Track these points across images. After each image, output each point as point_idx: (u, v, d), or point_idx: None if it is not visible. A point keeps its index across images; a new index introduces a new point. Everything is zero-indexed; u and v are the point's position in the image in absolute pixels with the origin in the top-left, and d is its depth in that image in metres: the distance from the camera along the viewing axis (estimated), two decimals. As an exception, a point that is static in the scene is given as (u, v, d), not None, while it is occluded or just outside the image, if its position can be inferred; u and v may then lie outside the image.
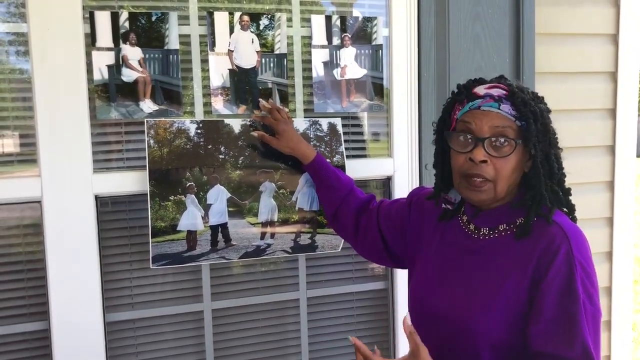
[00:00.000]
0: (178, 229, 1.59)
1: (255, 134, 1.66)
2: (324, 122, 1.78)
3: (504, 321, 1.10)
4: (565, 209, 1.18)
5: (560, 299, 1.05)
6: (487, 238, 1.19)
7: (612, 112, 2.28)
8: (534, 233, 1.13)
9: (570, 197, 1.19)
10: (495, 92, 1.15)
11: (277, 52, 1.78)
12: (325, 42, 1.82)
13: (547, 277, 1.06)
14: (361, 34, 1.86)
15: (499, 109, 1.12)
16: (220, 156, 1.65)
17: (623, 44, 2.23)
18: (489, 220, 1.19)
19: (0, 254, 1.64)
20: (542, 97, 1.20)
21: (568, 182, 1.20)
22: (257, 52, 1.76)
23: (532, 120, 1.11)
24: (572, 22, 2.19)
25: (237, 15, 1.73)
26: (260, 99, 1.74)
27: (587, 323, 1.04)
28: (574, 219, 1.18)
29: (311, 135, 1.76)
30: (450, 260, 1.23)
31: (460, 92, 1.21)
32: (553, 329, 1.05)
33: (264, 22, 1.76)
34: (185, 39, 1.71)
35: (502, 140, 1.12)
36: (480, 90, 1.16)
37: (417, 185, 1.92)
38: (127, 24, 1.64)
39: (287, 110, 1.74)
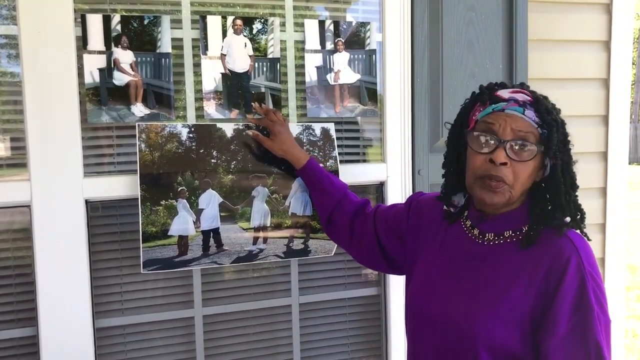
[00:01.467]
0: (169, 234, 1.58)
1: (250, 132, 1.65)
2: (317, 127, 1.78)
3: (506, 329, 1.09)
4: (578, 220, 1.16)
5: (574, 312, 1.05)
6: (492, 244, 1.18)
7: (605, 119, 2.29)
8: (541, 242, 1.12)
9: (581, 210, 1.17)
10: (520, 96, 1.14)
11: (270, 56, 1.77)
12: (319, 47, 1.82)
13: (560, 291, 1.06)
14: (354, 39, 1.85)
15: (523, 113, 1.12)
16: (213, 160, 1.64)
17: (615, 51, 2.25)
18: (494, 225, 1.19)
19: (-11, 259, 1.63)
20: (559, 110, 1.18)
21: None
22: (250, 56, 1.75)
23: (555, 129, 1.11)
24: (565, 29, 2.20)
25: (230, 19, 1.72)
26: (254, 103, 1.73)
27: (601, 334, 1.04)
28: (582, 230, 1.17)
29: (304, 140, 1.75)
30: (452, 265, 1.22)
31: (483, 93, 1.20)
32: (568, 343, 1.04)
33: (257, 26, 1.75)
34: (177, 43, 1.70)
35: (524, 144, 1.11)
36: (504, 93, 1.16)
37: (410, 191, 1.92)
38: (119, 27, 1.63)
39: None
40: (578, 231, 1.16)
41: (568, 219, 1.15)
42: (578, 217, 1.16)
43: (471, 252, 1.20)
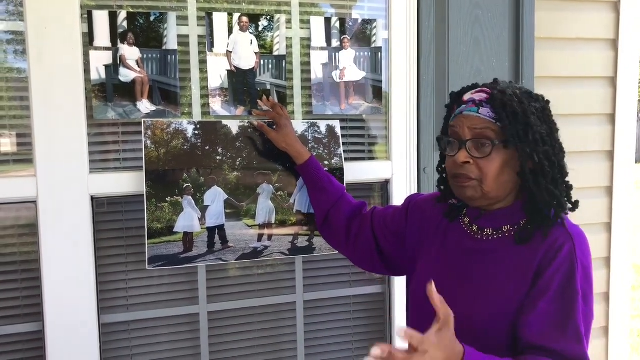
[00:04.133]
0: (174, 230, 1.58)
1: (255, 122, 1.67)
2: (323, 125, 1.78)
3: (508, 320, 1.11)
4: (568, 208, 1.18)
5: (558, 294, 1.08)
6: (490, 239, 1.20)
7: (611, 118, 2.27)
8: (538, 235, 1.14)
9: (571, 194, 1.19)
10: (478, 96, 1.18)
11: (276, 53, 1.77)
12: (325, 44, 1.81)
13: (547, 271, 1.09)
14: (360, 36, 1.85)
15: (477, 112, 1.16)
16: (218, 157, 1.64)
17: (623, 49, 2.23)
18: (492, 221, 1.21)
19: (-5, 254, 1.63)
20: (538, 96, 1.20)
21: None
22: (255, 53, 1.75)
23: (510, 121, 1.13)
24: (572, 27, 2.18)
25: (236, 16, 1.72)
26: (262, 99, 1.73)
27: (581, 321, 1.07)
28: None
29: (309, 138, 1.75)
30: (453, 263, 1.24)
31: (452, 100, 1.26)
32: (548, 322, 1.07)
33: (263, 23, 1.75)
34: (183, 40, 1.70)
35: (482, 141, 1.15)
36: (467, 96, 1.20)
37: (415, 189, 1.91)
38: (125, 24, 1.63)
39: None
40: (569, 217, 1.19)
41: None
42: (558, 206, 1.16)
43: (470, 248, 1.22)
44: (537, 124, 1.14)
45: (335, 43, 1.82)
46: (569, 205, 1.18)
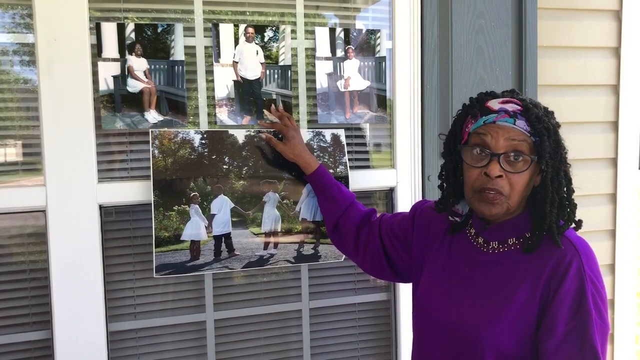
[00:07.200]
0: (182, 238, 1.60)
1: (263, 135, 1.68)
2: (328, 133, 1.79)
3: (513, 333, 1.10)
4: (572, 225, 1.17)
5: (572, 315, 1.06)
6: (496, 252, 1.19)
7: (615, 125, 2.29)
8: (544, 247, 1.13)
9: (576, 214, 1.17)
10: (510, 107, 1.14)
11: (281, 63, 1.79)
12: (329, 54, 1.83)
13: (559, 294, 1.07)
14: (365, 46, 1.87)
15: (514, 124, 1.12)
16: (224, 166, 1.66)
17: (625, 57, 2.25)
18: (497, 233, 1.19)
19: (4, 263, 1.65)
20: (553, 112, 1.18)
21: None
22: (261, 63, 1.77)
23: (546, 137, 1.11)
24: (575, 35, 2.20)
25: (242, 27, 1.74)
26: (269, 108, 1.75)
27: (597, 338, 1.05)
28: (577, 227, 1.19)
29: (315, 146, 1.76)
30: (458, 272, 1.23)
31: (473, 106, 1.20)
32: (565, 346, 1.06)
33: (268, 34, 1.78)
34: (190, 50, 1.72)
35: (518, 155, 1.12)
36: (494, 104, 1.16)
37: (420, 197, 1.93)
38: (133, 35, 1.65)
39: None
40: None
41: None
42: (567, 217, 1.15)
43: (476, 260, 1.21)
44: (561, 140, 1.14)
45: (339, 53, 1.84)
46: (576, 219, 1.17)
